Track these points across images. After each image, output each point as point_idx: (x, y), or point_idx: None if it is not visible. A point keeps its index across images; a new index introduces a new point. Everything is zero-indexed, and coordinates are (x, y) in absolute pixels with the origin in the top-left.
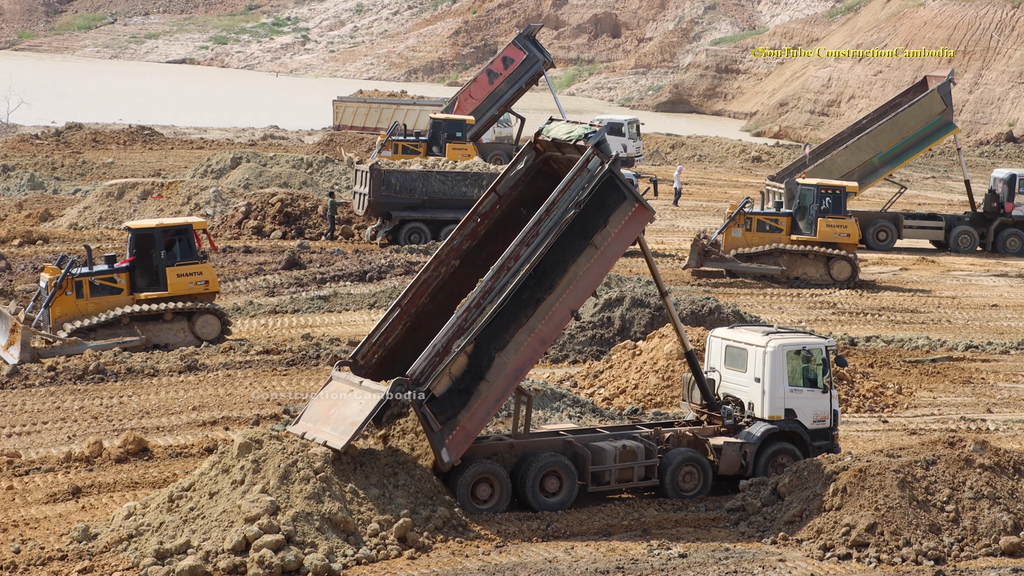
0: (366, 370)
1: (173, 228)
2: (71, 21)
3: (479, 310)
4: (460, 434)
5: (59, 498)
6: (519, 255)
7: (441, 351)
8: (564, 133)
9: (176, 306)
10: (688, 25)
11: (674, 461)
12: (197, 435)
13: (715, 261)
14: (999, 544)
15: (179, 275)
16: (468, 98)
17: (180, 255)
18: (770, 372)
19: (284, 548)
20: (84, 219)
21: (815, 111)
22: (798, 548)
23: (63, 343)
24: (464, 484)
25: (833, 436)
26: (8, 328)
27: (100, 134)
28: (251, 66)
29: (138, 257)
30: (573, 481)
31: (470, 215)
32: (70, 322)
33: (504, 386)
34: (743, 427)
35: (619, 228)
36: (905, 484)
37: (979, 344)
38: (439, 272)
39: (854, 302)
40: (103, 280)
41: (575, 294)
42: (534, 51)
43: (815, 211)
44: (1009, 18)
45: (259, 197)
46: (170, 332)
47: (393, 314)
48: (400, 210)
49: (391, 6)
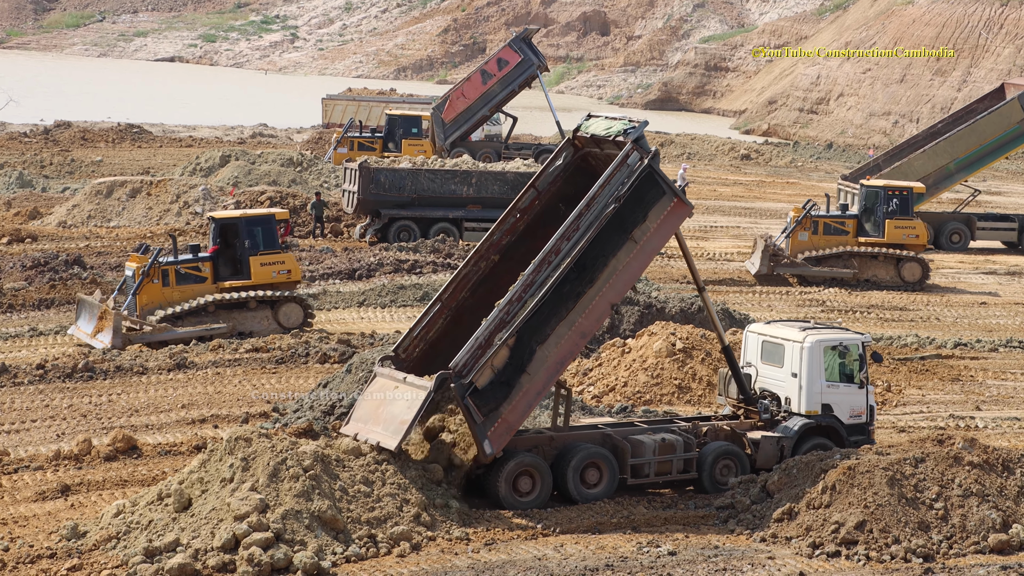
0: (407, 364)
1: (256, 218)
2: (59, 19)
3: (521, 303)
4: (502, 426)
5: (48, 496)
6: (560, 249)
7: (483, 344)
8: (603, 129)
9: (260, 294)
10: (677, 23)
11: (712, 454)
12: (186, 433)
13: (785, 266)
14: (988, 541)
15: (262, 264)
16: (460, 97)
17: (263, 244)
18: (807, 367)
19: (273, 546)
20: (73, 217)
21: (804, 109)
22: (787, 545)
23: (153, 329)
24: (506, 477)
25: (869, 431)
26: (96, 315)
27: (89, 132)
28: (240, 64)
29: (221, 246)
30: (614, 473)
31: (509, 211)
32: (157, 310)
33: (545, 379)
34: (780, 421)
35: (658, 223)
36: (894, 482)
37: (968, 342)
38: (479, 267)
39: (843, 300)
40: (188, 269)
41: (615, 288)
42: (529, 54)
43: (882, 213)
44: (998, 16)
45: (248, 195)
46: (254, 320)
47: (434, 308)
48: (389, 208)
49: (380, 4)
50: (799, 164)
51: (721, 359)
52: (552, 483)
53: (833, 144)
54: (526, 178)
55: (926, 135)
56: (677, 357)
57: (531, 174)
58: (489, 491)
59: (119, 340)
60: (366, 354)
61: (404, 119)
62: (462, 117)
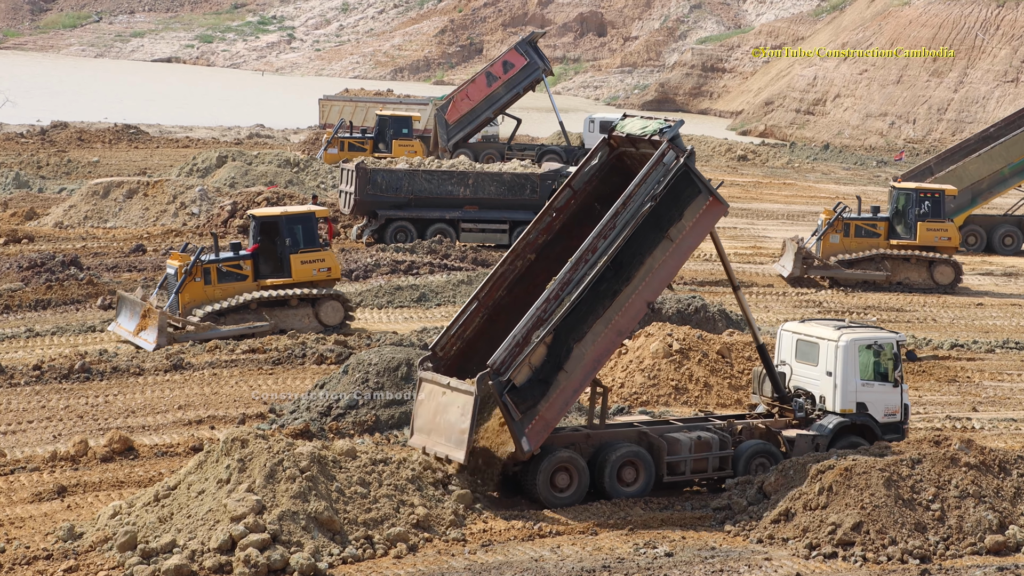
0: (445, 362)
1: (297, 216)
2: (56, 19)
3: (558, 301)
4: (539, 423)
5: (44, 497)
6: (596, 247)
7: (521, 341)
8: (639, 128)
9: (302, 292)
10: (674, 24)
11: (747, 453)
12: (183, 434)
13: (818, 268)
14: (984, 543)
15: (302, 262)
16: (464, 98)
17: (303, 242)
18: (842, 366)
19: (270, 547)
20: (69, 218)
21: (801, 110)
22: (784, 547)
23: (197, 327)
24: (543, 473)
25: (904, 430)
26: (138, 313)
27: (85, 133)
28: (237, 65)
29: (262, 244)
30: (650, 472)
31: (546, 210)
32: (198, 308)
33: (582, 376)
34: (814, 420)
35: (694, 221)
36: (891, 483)
37: (964, 343)
38: (515, 266)
39: (840, 301)
40: (229, 267)
41: (651, 286)
42: (535, 58)
43: (914, 215)
44: (994, 17)
45: (245, 196)
46: (295, 318)
47: (471, 307)
48: (386, 209)
49: (377, 5)
50: (796, 165)
51: (718, 360)
52: (589, 480)
53: (830, 145)
54: (523, 179)
55: (978, 139)
56: (674, 358)
57: (528, 175)
58: (526, 487)
59: (164, 339)
60: (363, 355)
61: (394, 120)
62: (466, 119)
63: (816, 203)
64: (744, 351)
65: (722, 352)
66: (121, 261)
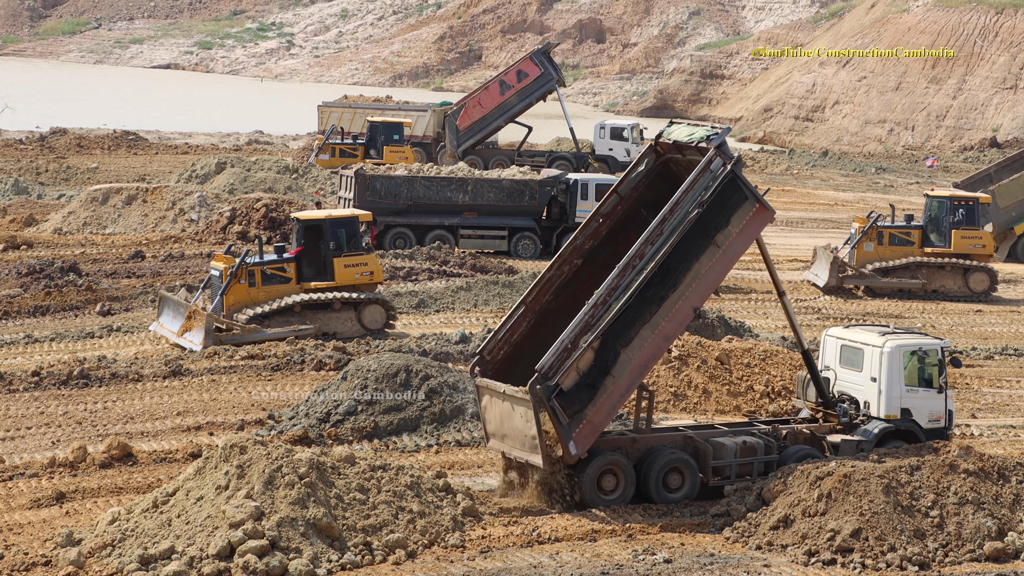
0: (492, 365)
1: (340, 219)
2: (56, 26)
3: (606, 307)
4: (587, 427)
5: (43, 503)
6: (644, 253)
7: (569, 347)
8: (685, 135)
9: (344, 296)
10: (673, 31)
11: (792, 458)
12: (182, 440)
13: (854, 278)
14: (983, 549)
15: (346, 265)
16: (477, 105)
17: (346, 246)
18: (887, 372)
19: (269, 553)
20: (68, 224)
21: (800, 116)
22: (783, 553)
23: (242, 330)
24: (590, 475)
25: (948, 435)
26: (182, 314)
27: (84, 139)
28: (236, 71)
29: (306, 247)
30: (695, 477)
31: (592, 215)
32: (242, 310)
33: (629, 381)
34: (859, 425)
35: (740, 228)
36: (890, 489)
37: (963, 349)
38: (562, 271)
39: (839, 307)
40: (273, 269)
41: (698, 292)
42: (549, 68)
43: (949, 223)
44: (993, 24)
45: (244, 202)
46: (338, 321)
47: (518, 311)
48: (385, 215)
49: (376, 11)
50: (795, 172)
51: (716, 367)
52: (635, 483)
53: (828, 152)
54: (522, 186)
55: None
56: (673, 364)
57: (526, 182)
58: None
59: (210, 340)
60: (361, 361)
61: (385, 126)
62: (477, 125)
63: (815, 210)
64: (743, 357)
65: (720, 359)
66: (120, 267)
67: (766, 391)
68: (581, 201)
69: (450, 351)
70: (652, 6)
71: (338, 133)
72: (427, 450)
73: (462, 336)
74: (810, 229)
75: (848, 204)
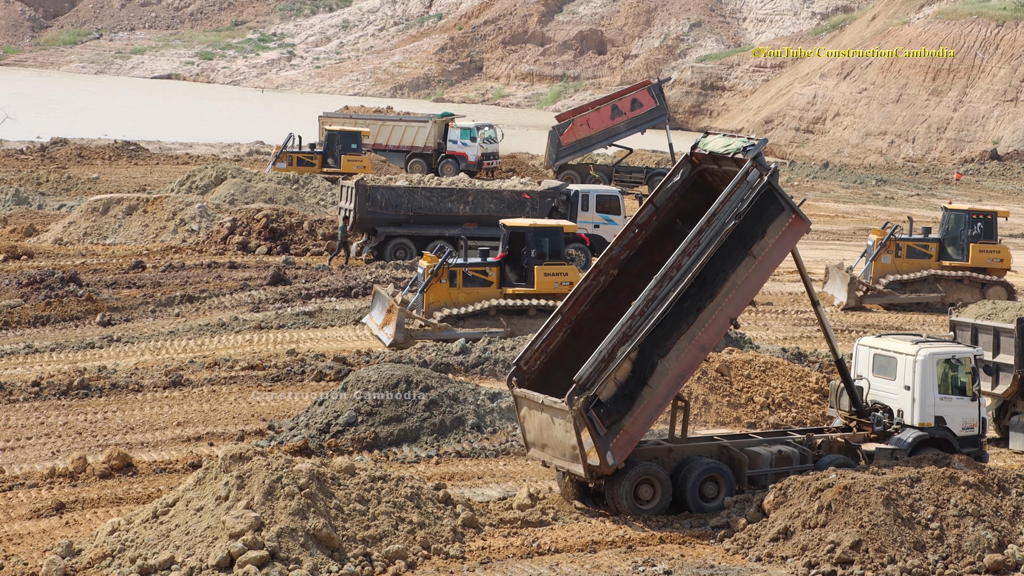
0: (529, 375)
1: (545, 229)
2: (57, 36)
3: (643, 317)
4: (624, 438)
5: (43, 514)
6: (681, 264)
7: (607, 357)
8: (721, 146)
9: (541, 303)
10: (674, 42)
11: (828, 467)
12: (182, 451)
13: (873, 297)
14: (983, 562)
15: (546, 274)
16: (584, 125)
17: (549, 255)
18: (920, 380)
19: (268, 564)
20: (69, 234)
21: (800, 128)
22: (783, 565)
23: (434, 327)
24: (627, 484)
25: (981, 443)
26: (385, 308)
27: (85, 149)
28: (237, 82)
29: (510, 253)
30: (731, 486)
31: (628, 226)
32: (441, 309)
33: (666, 392)
34: (892, 434)
35: (776, 238)
36: (890, 501)
37: None
38: (598, 281)
39: (839, 319)
40: (475, 272)
41: (734, 303)
42: (663, 102)
43: (966, 237)
44: (993, 36)
45: (244, 212)
46: (532, 327)
47: (555, 322)
48: (385, 226)
49: (377, 22)
50: (795, 183)
51: (717, 378)
52: (672, 492)
53: (829, 163)
54: (521, 196)
55: None
56: None
57: (524, 192)
58: (608, 499)
59: (401, 335)
60: (361, 372)
61: (343, 135)
62: (580, 144)
63: (816, 221)
64: (743, 369)
65: (721, 370)
66: (120, 278)
67: (766, 402)
68: (582, 212)
69: (450, 362)
70: (653, 18)
71: (296, 142)
72: (427, 461)
73: (462, 347)
74: (811, 241)
75: (849, 216)
